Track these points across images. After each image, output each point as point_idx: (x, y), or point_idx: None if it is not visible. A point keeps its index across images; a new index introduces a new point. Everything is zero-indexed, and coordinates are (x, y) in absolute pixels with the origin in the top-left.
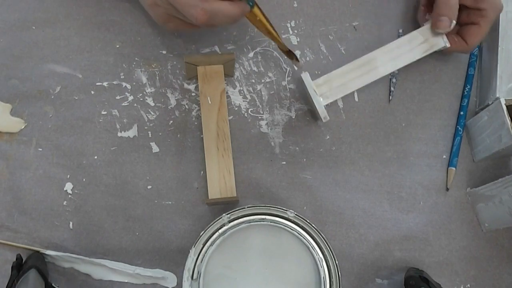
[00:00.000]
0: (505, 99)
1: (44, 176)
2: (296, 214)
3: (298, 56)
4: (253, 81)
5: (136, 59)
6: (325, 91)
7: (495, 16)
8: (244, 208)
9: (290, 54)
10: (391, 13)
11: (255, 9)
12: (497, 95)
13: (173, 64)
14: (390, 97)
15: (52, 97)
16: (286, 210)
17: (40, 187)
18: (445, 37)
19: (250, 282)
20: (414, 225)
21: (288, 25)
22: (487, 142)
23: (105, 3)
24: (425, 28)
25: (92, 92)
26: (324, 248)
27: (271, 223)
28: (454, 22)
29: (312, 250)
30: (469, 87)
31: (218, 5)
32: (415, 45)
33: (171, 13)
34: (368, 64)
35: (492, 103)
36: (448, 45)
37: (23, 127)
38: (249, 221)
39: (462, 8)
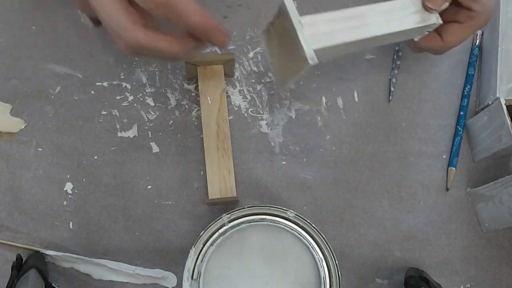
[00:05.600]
0: (505, 99)
1: (44, 176)
2: (296, 214)
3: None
4: (253, 81)
5: (136, 59)
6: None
7: (482, 23)
8: (244, 208)
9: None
10: None
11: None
12: (497, 95)
13: (173, 64)
14: (390, 97)
15: (52, 97)
16: (286, 210)
17: (40, 187)
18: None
19: (250, 282)
20: (414, 225)
21: None
22: (487, 142)
23: None
24: None
25: (92, 92)
26: (324, 248)
27: (271, 223)
28: (447, 4)
29: (312, 250)
30: (469, 87)
31: (155, 39)
32: (408, 13)
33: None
34: (357, 18)
35: (492, 103)
36: (440, 21)
37: (23, 127)
38: (249, 221)
39: (452, 4)
